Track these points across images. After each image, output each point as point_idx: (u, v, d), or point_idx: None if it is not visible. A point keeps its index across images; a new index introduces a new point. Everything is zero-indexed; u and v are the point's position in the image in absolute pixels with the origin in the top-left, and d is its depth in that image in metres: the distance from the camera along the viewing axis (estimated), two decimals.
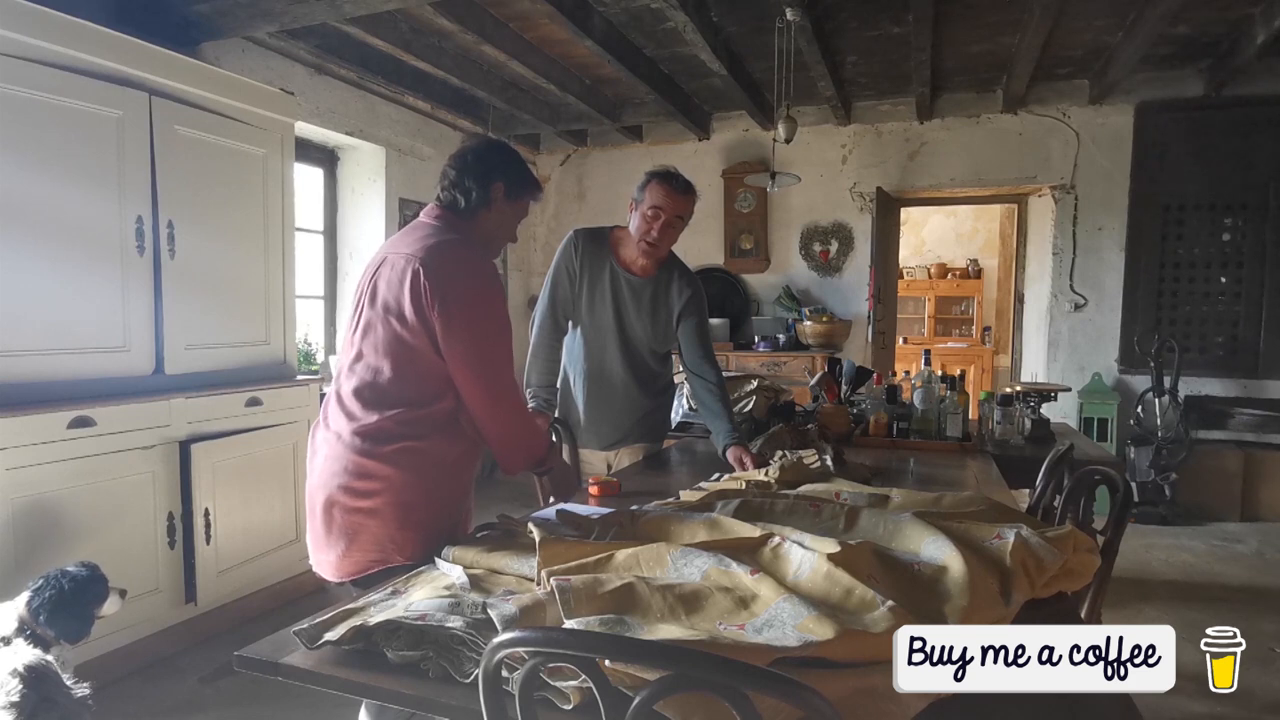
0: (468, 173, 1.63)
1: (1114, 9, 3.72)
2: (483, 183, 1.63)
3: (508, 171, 1.66)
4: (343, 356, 1.63)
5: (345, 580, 1.56)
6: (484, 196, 1.64)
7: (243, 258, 3.16)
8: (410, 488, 1.51)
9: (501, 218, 1.69)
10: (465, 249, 1.58)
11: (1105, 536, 1.59)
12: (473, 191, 1.63)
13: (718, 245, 5.72)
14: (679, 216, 2.25)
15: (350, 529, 1.51)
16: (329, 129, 4.37)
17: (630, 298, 2.35)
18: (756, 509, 1.47)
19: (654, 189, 2.23)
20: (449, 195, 1.65)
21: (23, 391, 2.38)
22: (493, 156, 1.66)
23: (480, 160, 1.64)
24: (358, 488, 1.51)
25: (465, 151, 1.67)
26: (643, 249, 2.27)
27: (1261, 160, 4.59)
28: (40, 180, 2.42)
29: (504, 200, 1.66)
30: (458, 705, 0.93)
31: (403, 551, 1.50)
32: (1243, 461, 4.59)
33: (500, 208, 1.67)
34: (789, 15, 3.47)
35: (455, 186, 1.64)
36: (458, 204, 1.65)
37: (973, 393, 6.01)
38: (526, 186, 1.70)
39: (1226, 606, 3.29)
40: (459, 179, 1.64)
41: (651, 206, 2.22)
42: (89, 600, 1.99)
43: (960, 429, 2.69)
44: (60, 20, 2.45)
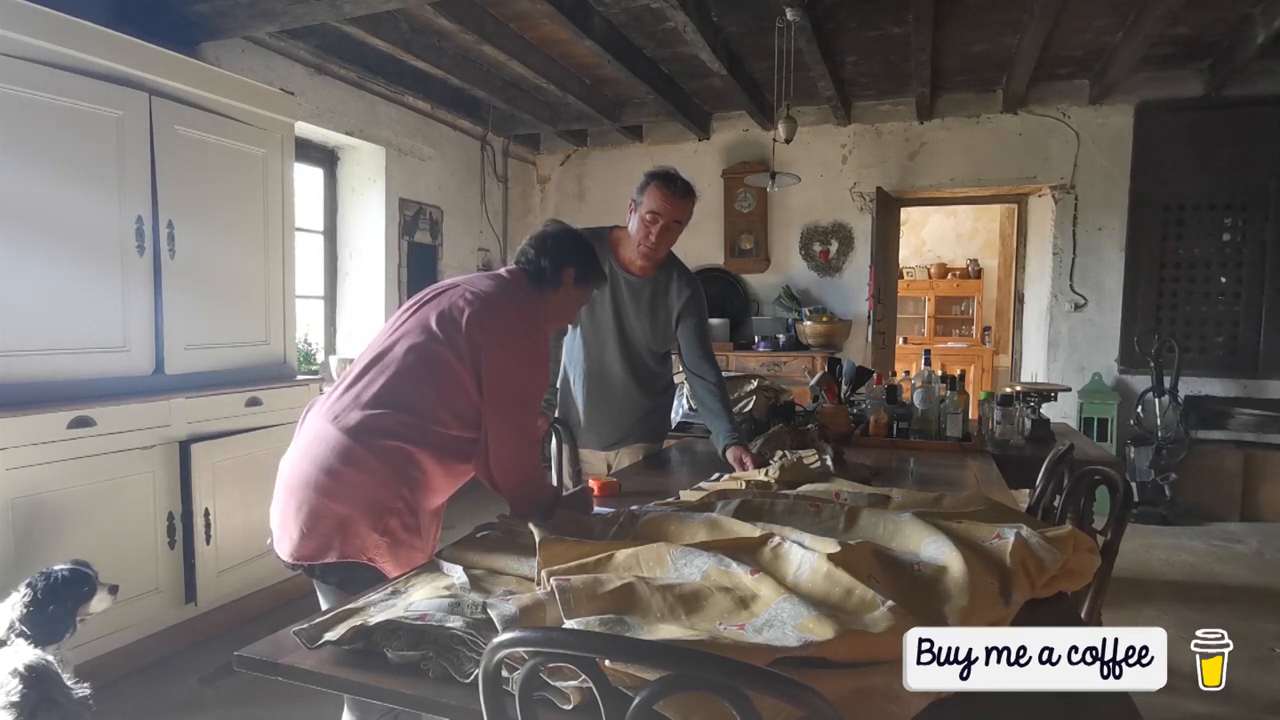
0: (545, 254, 1.73)
1: (1114, 9, 3.72)
2: (556, 265, 1.73)
3: (581, 260, 1.77)
4: (372, 347, 1.62)
5: (300, 563, 1.51)
6: (556, 278, 1.73)
7: (243, 258, 3.16)
8: (386, 486, 1.48)
9: (567, 300, 1.79)
10: (533, 310, 1.68)
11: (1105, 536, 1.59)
12: (546, 271, 1.73)
13: (718, 245, 5.72)
14: (677, 221, 2.23)
15: (317, 510, 1.48)
16: (329, 129, 4.37)
17: (630, 297, 2.35)
18: (756, 509, 1.47)
19: (652, 192, 2.21)
20: (529, 268, 1.75)
21: (23, 391, 2.38)
22: (569, 243, 1.76)
23: (559, 245, 1.75)
24: (337, 470, 1.48)
25: (546, 236, 1.77)
26: (641, 252, 2.27)
27: (1261, 160, 4.59)
28: (40, 180, 2.42)
29: (573, 285, 1.76)
30: (458, 705, 0.92)
31: (363, 545, 1.47)
32: (1243, 461, 4.59)
33: (568, 290, 1.76)
34: (789, 15, 3.47)
35: (531, 264, 1.74)
36: (532, 280, 1.75)
37: (973, 393, 6.01)
38: (594, 276, 1.81)
39: (1226, 606, 3.29)
40: (536, 258, 1.73)
41: (650, 211, 2.20)
42: (68, 600, 1.96)
43: (960, 429, 2.69)
44: (60, 20, 2.45)
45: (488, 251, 5.66)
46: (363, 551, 1.47)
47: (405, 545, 1.50)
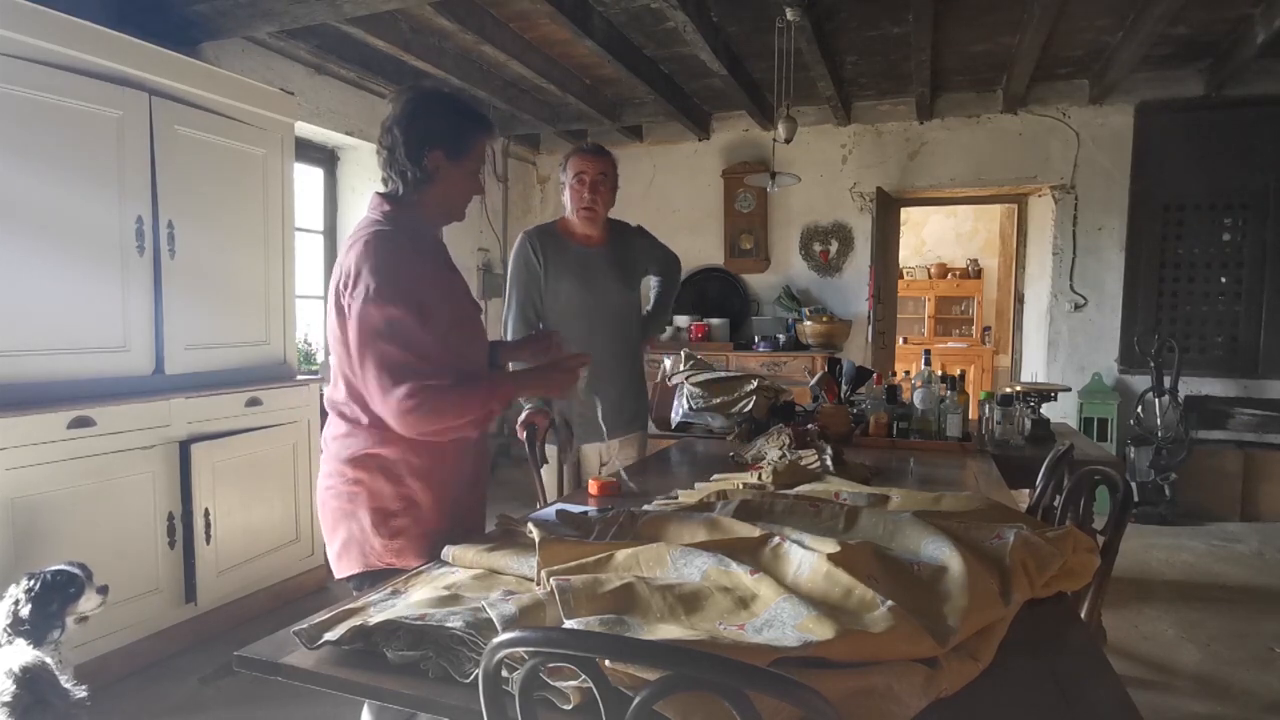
0: (397, 150, 1.44)
1: (1114, 9, 3.72)
2: (417, 157, 1.44)
3: (442, 133, 1.45)
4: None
5: (340, 578, 1.55)
6: (423, 173, 1.45)
7: (243, 258, 3.16)
8: (379, 494, 1.49)
9: (451, 183, 1.50)
10: (382, 244, 1.41)
11: (1105, 536, 1.59)
12: (407, 171, 1.45)
13: (718, 245, 5.71)
14: (602, 174, 2.41)
15: (331, 525, 1.54)
16: (329, 129, 4.37)
17: (599, 267, 2.47)
18: (756, 509, 1.47)
19: (573, 162, 2.42)
20: (390, 183, 1.49)
21: (23, 391, 2.38)
22: (420, 122, 1.44)
23: (407, 132, 1.44)
24: (337, 488, 1.52)
25: (390, 126, 1.45)
26: (584, 216, 2.42)
27: (1261, 160, 4.59)
28: (41, 180, 2.42)
29: (449, 164, 1.47)
30: (458, 705, 0.93)
31: (380, 556, 1.49)
32: (1243, 461, 4.59)
33: (446, 174, 1.48)
34: (789, 15, 3.47)
35: (390, 167, 1.47)
36: (397, 192, 1.49)
37: (973, 393, 6.01)
38: (470, 137, 1.48)
39: (1226, 606, 3.28)
40: (390, 160, 1.46)
41: (575, 174, 2.40)
42: (54, 601, 1.94)
43: (960, 429, 2.70)
44: (60, 20, 2.45)
45: (488, 251, 5.66)
46: (380, 557, 1.51)
47: (423, 537, 1.50)
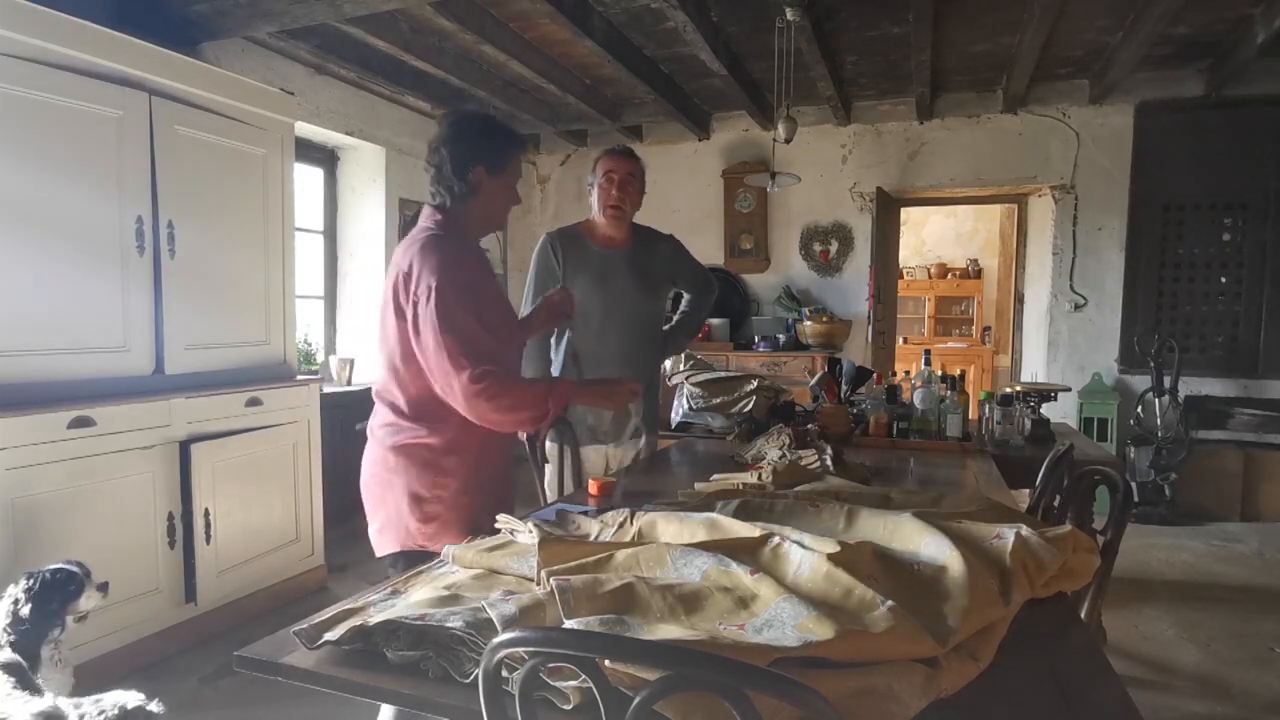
0: (444, 167, 1.65)
1: (1114, 9, 3.72)
2: (462, 173, 1.64)
3: (483, 151, 1.65)
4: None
5: (380, 556, 1.72)
6: (468, 186, 1.65)
7: (243, 258, 3.16)
8: (416, 480, 1.64)
9: (492, 195, 1.70)
10: (438, 246, 1.60)
11: (1105, 536, 1.59)
12: (454, 186, 1.65)
13: (718, 245, 5.71)
14: (630, 174, 2.45)
15: (373, 506, 1.71)
16: (329, 129, 4.37)
17: (618, 269, 2.47)
18: (756, 509, 1.47)
19: (601, 163, 2.47)
20: (439, 196, 1.69)
21: (23, 391, 2.38)
22: (462, 142, 1.65)
23: (454, 153, 1.64)
24: (380, 474, 1.68)
25: (437, 146, 1.66)
26: (611, 215, 2.44)
27: (1261, 160, 4.59)
28: (40, 180, 2.42)
29: (489, 179, 1.67)
30: (458, 705, 0.92)
31: (414, 539, 1.65)
32: (1243, 461, 4.59)
33: (488, 188, 1.68)
34: (789, 15, 3.47)
35: (438, 182, 1.67)
36: (445, 204, 1.68)
37: (973, 393, 6.01)
38: (507, 154, 1.69)
39: (1226, 606, 3.28)
40: (438, 176, 1.67)
41: (604, 173, 2.43)
42: (53, 600, 1.94)
43: (960, 429, 2.69)
44: (60, 20, 2.45)
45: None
46: (412, 539, 1.68)
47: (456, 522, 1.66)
